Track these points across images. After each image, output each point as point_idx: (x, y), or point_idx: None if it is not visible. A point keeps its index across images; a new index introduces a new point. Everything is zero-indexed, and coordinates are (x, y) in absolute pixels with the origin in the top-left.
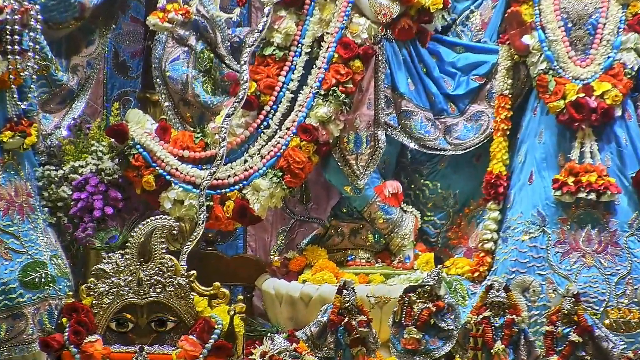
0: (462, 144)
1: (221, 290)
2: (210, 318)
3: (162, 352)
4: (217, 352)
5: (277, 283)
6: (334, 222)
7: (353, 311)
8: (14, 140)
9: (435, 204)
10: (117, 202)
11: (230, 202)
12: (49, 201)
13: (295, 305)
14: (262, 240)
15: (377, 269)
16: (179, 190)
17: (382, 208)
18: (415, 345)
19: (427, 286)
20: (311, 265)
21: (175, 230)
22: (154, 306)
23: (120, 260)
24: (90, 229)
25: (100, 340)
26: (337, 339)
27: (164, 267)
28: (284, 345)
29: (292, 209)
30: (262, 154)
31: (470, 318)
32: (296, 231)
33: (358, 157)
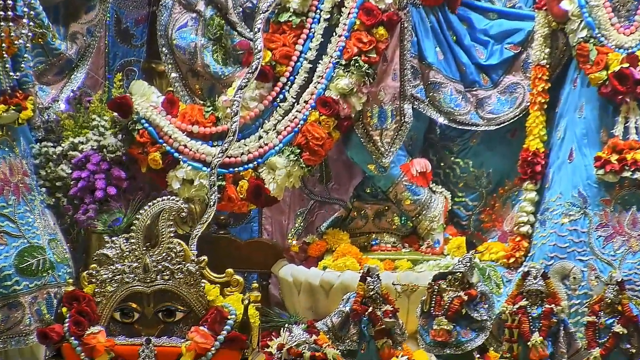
0: (496, 118)
1: (234, 277)
2: (222, 308)
3: (170, 345)
4: (230, 344)
5: (295, 270)
6: (357, 204)
7: (378, 300)
8: (8, 114)
9: (466, 183)
10: (120, 182)
11: (243, 181)
12: (47, 180)
13: (314, 293)
14: (279, 223)
15: (404, 255)
16: (188, 168)
17: (409, 188)
18: (445, 337)
19: (458, 273)
20: (332, 251)
21: (184, 212)
22: (161, 295)
23: (124, 244)
24: (91, 211)
25: (104, 332)
26: (360, 330)
27: (172, 252)
28: (303, 337)
29: (311, 189)
30: (278, 130)
31: (505, 308)
32: (316, 213)
33: (383, 133)
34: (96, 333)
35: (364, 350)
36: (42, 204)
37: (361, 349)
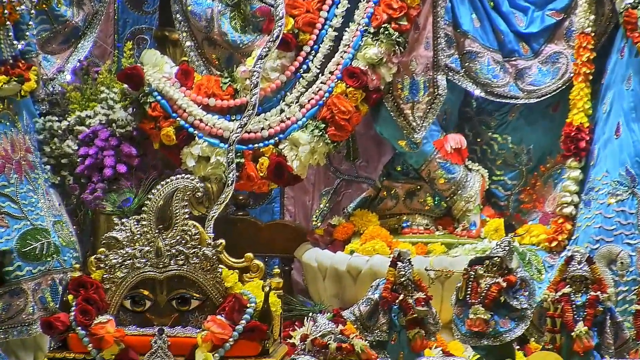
0: (537, 90)
1: (254, 262)
2: (241, 295)
3: (185, 335)
4: (249, 334)
5: (319, 254)
6: (387, 183)
7: (409, 287)
8: (10, 86)
9: (505, 161)
10: (131, 159)
11: (264, 159)
12: (52, 158)
13: (341, 280)
14: (302, 203)
15: (438, 238)
16: (204, 145)
17: (442, 166)
18: (482, 326)
19: (496, 258)
20: (360, 233)
21: (199, 192)
22: (175, 281)
23: (135, 227)
24: (100, 191)
25: (113, 321)
26: (390, 319)
27: (187, 235)
28: (328, 327)
29: (337, 167)
30: (301, 103)
31: (547, 295)
32: (342, 193)
33: (414, 106)
34: (105, 323)
35: (394, 341)
36: (47, 183)
37: (391, 339)
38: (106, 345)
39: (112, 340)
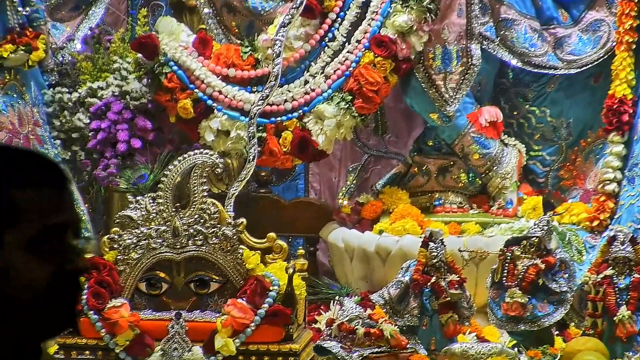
0: (577, 60)
1: (277, 242)
2: (263, 277)
3: (203, 320)
4: (272, 319)
5: (346, 234)
6: (418, 158)
7: (442, 269)
8: (17, 55)
9: (543, 135)
10: (146, 133)
11: (287, 133)
12: (62, 132)
13: (369, 261)
14: (328, 180)
15: (472, 217)
16: (224, 118)
17: (477, 141)
18: (519, 311)
19: (534, 238)
20: (389, 212)
21: (219, 168)
22: (193, 262)
23: (151, 205)
24: (113, 167)
25: (127, 305)
26: (422, 303)
27: (206, 214)
28: (356, 311)
29: (365, 142)
30: (326, 74)
31: (588, 278)
32: (370, 169)
33: (447, 77)
34: (118, 306)
35: (425, 326)
36: (57, 159)
37: (423, 324)
38: (120, 330)
39: (127, 325)
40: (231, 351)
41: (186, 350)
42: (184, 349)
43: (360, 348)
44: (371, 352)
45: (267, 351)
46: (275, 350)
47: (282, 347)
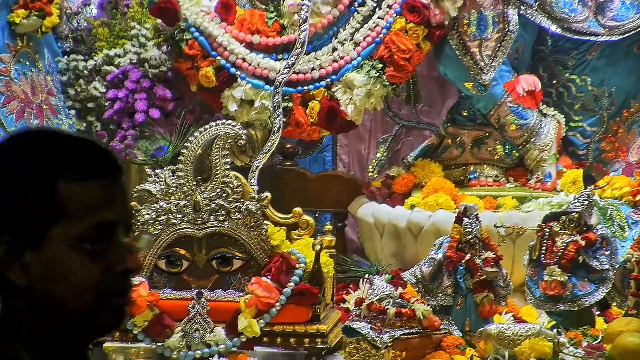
0: (619, 26)
1: (303, 217)
2: (289, 255)
3: (226, 299)
4: (298, 298)
5: (376, 209)
6: (452, 129)
7: (477, 246)
8: (29, 21)
9: (584, 105)
10: (165, 103)
11: (314, 102)
12: (77, 101)
13: (400, 237)
14: (357, 152)
15: (508, 190)
16: (247, 87)
17: (514, 111)
18: (558, 290)
19: (573, 213)
20: (421, 186)
21: (242, 139)
22: (215, 239)
23: (170, 178)
24: (130, 138)
25: (146, 284)
26: (455, 282)
27: (228, 187)
28: (386, 290)
29: (397, 112)
30: (355, 40)
31: (631, 255)
32: (402, 141)
33: (482, 44)
34: (136, 285)
35: (460, 306)
36: (71, 130)
37: (457, 304)
38: (138, 310)
39: (145, 305)
40: (255, 332)
41: (208, 332)
42: (205, 330)
43: (390, 329)
44: (402, 333)
45: (293, 332)
46: (301, 332)
47: (308, 328)
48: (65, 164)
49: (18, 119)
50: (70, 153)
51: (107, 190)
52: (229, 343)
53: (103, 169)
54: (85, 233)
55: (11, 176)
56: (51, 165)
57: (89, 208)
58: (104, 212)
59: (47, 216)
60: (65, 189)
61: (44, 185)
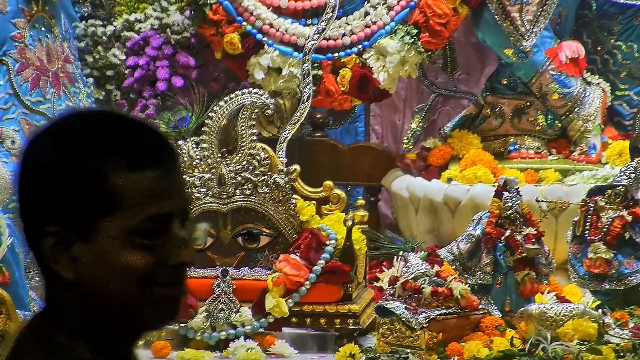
0: None
1: (335, 191)
2: (319, 230)
3: (252, 277)
4: (329, 277)
5: (411, 182)
6: (491, 99)
7: (517, 221)
8: None
9: (630, 73)
10: (188, 71)
11: (345, 70)
12: (95, 69)
13: (436, 212)
14: (391, 123)
15: (551, 163)
16: (275, 54)
17: (556, 79)
18: (603, 267)
19: (619, 187)
20: (459, 158)
21: (270, 109)
22: (241, 214)
23: (194, 150)
24: (152, 108)
25: None
26: (495, 259)
27: (255, 160)
28: (422, 268)
29: (433, 80)
30: (389, 4)
31: None
32: (438, 110)
33: (523, 9)
34: None
35: (499, 285)
36: (89, 99)
37: (496, 283)
38: None
39: None
40: (283, 312)
41: (233, 312)
42: (230, 310)
43: (426, 309)
44: (439, 313)
45: (323, 312)
46: (332, 312)
47: (340, 307)
48: (117, 152)
49: (33, 88)
50: (123, 139)
51: (163, 180)
52: (256, 324)
53: (158, 157)
54: (138, 226)
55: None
56: (103, 152)
57: (143, 200)
58: (159, 204)
59: (97, 208)
60: (117, 179)
61: (95, 175)
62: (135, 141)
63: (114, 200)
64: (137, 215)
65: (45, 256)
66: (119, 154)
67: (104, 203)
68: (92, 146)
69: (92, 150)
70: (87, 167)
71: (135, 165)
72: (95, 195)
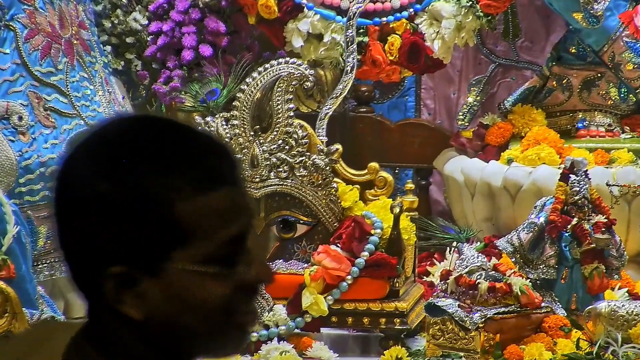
0: None
1: (381, 174)
2: (363, 218)
3: (287, 272)
4: (373, 271)
5: (467, 164)
6: (557, 69)
7: (585, 208)
8: None
9: None
10: (218, 38)
11: (394, 37)
12: (113, 35)
13: (495, 198)
14: (445, 97)
15: (624, 142)
16: (315, 18)
17: (631, 47)
18: None
19: None
20: (521, 136)
21: (309, 81)
22: (276, 200)
23: (224, 128)
24: (177, 80)
25: None
26: (560, 251)
27: (292, 139)
28: (478, 260)
29: (492, 49)
30: None
31: None
32: (498, 83)
33: None
34: None
35: (565, 280)
36: (106, 70)
37: (561, 277)
38: None
39: None
40: (322, 311)
41: (266, 310)
42: (263, 308)
43: (482, 307)
44: (496, 312)
45: (366, 311)
46: (377, 310)
47: (385, 305)
48: (181, 172)
49: (43, 57)
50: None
51: (231, 198)
52: (291, 324)
53: (224, 172)
54: (211, 255)
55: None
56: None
57: (215, 225)
58: (231, 227)
59: (165, 240)
60: (184, 204)
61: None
62: (197, 156)
63: (183, 229)
64: (211, 243)
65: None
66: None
67: (173, 234)
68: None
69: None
70: (148, 194)
71: (201, 187)
72: (161, 226)
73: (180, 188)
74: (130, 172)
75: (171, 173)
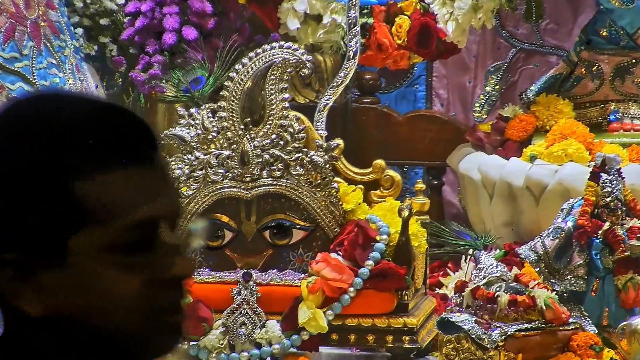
0: None
1: (387, 173)
2: (367, 223)
3: (282, 283)
4: (379, 282)
5: (484, 161)
6: (586, 55)
7: (619, 211)
8: None
9: None
10: (203, 20)
11: (403, 18)
12: (85, 17)
13: (516, 200)
14: (460, 86)
15: None
16: None
17: None
18: None
19: None
20: (545, 130)
21: (306, 68)
22: (269, 202)
23: (210, 120)
24: (157, 66)
25: None
26: (590, 259)
27: (287, 133)
28: (497, 270)
29: (513, 32)
30: None
31: None
32: (519, 70)
33: None
34: None
35: (595, 292)
36: (78, 55)
37: (591, 290)
38: None
39: None
40: (321, 327)
41: (257, 326)
42: (254, 324)
43: (502, 323)
44: (518, 328)
45: (371, 327)
46: (383, 327)
47: (392, 321)
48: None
49: (6, 41)
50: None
51: (143, 178)
52: (286, 342)
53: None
54: (117, 240)
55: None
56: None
57: (120, 207)
58: (141, 210)
59: (63, 223)
60: (83, 185)
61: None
62: (102, 130)
63: (81, 213)
64: (114, 228)
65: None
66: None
67: (71, 216)
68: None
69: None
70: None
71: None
72: (58, 207)
73: (77, 165)
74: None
75: (68, 149)
